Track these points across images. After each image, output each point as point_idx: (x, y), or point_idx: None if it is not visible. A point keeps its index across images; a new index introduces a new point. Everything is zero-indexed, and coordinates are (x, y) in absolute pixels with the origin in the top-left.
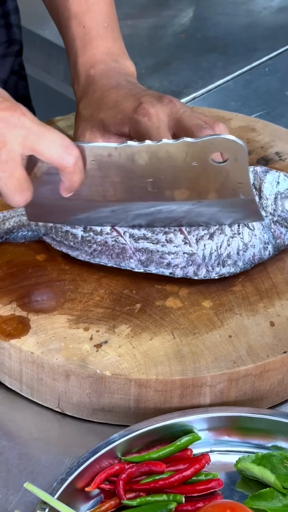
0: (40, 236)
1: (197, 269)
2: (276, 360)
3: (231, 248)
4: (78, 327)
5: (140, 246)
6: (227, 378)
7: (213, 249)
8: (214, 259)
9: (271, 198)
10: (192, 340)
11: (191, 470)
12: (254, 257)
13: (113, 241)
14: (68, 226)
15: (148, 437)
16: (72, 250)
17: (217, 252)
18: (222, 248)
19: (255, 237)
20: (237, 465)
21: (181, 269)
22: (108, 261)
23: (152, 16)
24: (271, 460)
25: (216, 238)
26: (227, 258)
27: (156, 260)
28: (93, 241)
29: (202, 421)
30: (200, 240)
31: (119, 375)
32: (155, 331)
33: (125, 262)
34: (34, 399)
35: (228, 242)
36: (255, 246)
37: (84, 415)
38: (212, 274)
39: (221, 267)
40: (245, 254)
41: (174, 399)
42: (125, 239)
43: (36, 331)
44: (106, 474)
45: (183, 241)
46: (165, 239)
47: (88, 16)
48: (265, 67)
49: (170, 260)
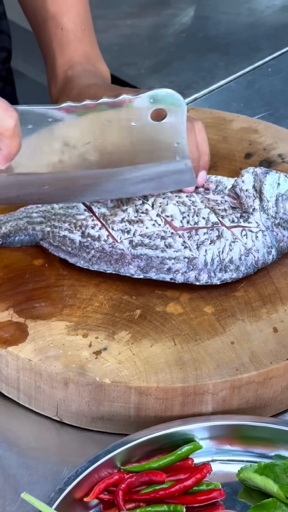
0: (37, 241)
1: (199, 274)
2: (280, 367)
3: (233, 253)
4: (76, 334)
5: (139, 253)
6: (230, 385)
7: (215, 255)
8: (216, 265)
9: (272, 201)
10: (193, 347)
11: (192, 480)
12: (257, 261)
13: (110, 247)
14: (65, 231)
15: (148, 446)
16: (70, 256)
17: (219, 257)
18: (224, 253)
19: (257, 241)
20: (239, 475)
21: (182, 275)
22: (107, 267)
23: (152, 15)
24: (274, 469)
25: (218, 243)
26: (229, 263)
27: (156, 265)
28: (91, 247)
29: (203, 429)
30: (201, 245)
31: (119, 382)
32: (155, 337)
33: (124, 269)
34: (32, 408)
35: (230, 247)
36: (258, 251)
37: (83, 424)
38: (214, 280)
39: (223, 273)
40: (247, 259)
41: (175, 407)
42: (122, 246)
43: (34, 338)
44: (105, 484)
45: (183, 245)
46: (164, 244)
47: (66, 18)
48: (268, 67)
49: (170, 265)
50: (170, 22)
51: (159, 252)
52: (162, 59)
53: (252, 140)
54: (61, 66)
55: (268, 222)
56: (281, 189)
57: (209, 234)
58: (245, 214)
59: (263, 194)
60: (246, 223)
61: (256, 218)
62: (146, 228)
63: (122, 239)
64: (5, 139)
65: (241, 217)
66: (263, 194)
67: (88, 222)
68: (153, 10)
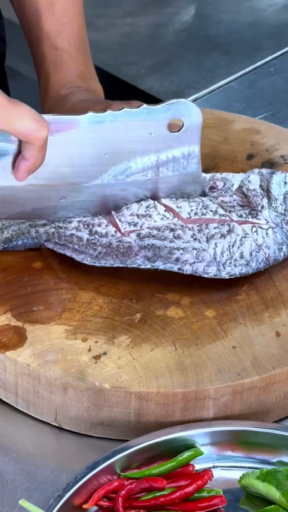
0: (42, 243)
1: (207, 266)
2: (282, 372)
3: (244, 248)
4: (76, 338)
5: (146, 243)
6: (231, 390)
7: (225, 248)
8: (226, 258)
9: (280, 199)
10: (194, 351)
11: (193, 487)
12: (269, 258)
13: (117, 241)
14: (73, 230)
15: (149, 452)
16: (77, 253)
17: (229, 251)
18: (234, 247)
19: (268, 238)
20: (241, 481)
21: (190, 265)
22: (114, 261)
23: (152, 13)
24: (277, 476)
25: (228, 237)
26: (239, 258)
27: (164, 255)
28: (98, 243)
29: (204, 435)
30: (211, 239)
31: (119, 387)
32: (156, 342)
33: (131, 260)
34: (30, 413)
35: (240, 242)
36: (269, 247)
37: (82, 430)
38: (223, 274)
39: (232, 267)
40: (258, 255)
41: (176, 413)
42: (130, 239)
43: (32, 342)
44: (105, 491)
45: (192, 237)
46: (173, 235)
47: (61, 38)
48: (270, 67)
49: (178, 255)
50: (170, 20)
51: (167, 243)
52: (163, 58)
53: (254, 141)
54: (54, 86)
55: (278, 219)
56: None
57: (220, 229)
58: (254, 212)
59: (271, 192)
60: (255, 219)
61: (265, 215)
62: (155, 221)
63: (128, 230)
64: (33, 150)
65: (250, 214)
66: (271, 192)
67: (95, 220)
68: (153, 8)
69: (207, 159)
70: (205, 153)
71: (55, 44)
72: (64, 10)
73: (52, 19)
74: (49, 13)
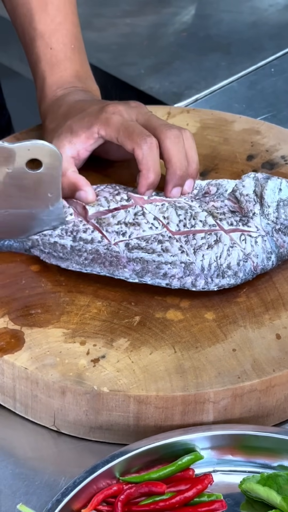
0: (27, 248)
1: (195, 280)
2: (283, 374)
3: (231, 258)
4: (74, 341)
5: (134, 256)
6: (231, 394)
7: (212, 260)
8: (213, 270)
9: (273, 206)
10: (194, 354)
11: (193, 491)
12: (256, 267)
13: (105, 249)
14: (56, 237)
15: (148, 456)
16: (62, 261)
17: (216, 262)
18: (222, 259)
19: (257, 246)
20: (241, 486)
21: (178, 280)
22: (101, 269)
23: (152, 13)
24: (277, 480)
25: (215, 247)
26: (227, 269)
27: (152, 270)
28: (83, 249)
29: (204, 439)
30: (199, 250)
31: (118, 391)
32: (155, 345)
33: (118, 271)
34: (28, 417)
35: (228, 252)
36: (257, 256)
37: (81, 434)
38: (211, 286)
39: (220, 279)
40: (245, 265)
41: (176, 417)
42: (118, 248)
43: (30, 346)
44: (104, 495)
45: (180, 249)
46: (161, 248)
47: (55, 38)
48: (271, 67)
49: (166, 270)
50: (170, 20)
51: (155, 256)
52: (162, 58)
53: (255, 142)
54: (50, 86)
55: (268, 227)
56: (282, 194)
57: (207, 239)
58: (245, 218)
59: (264, 199)
60: (246, 227)
61: (256, 222)
62: (143, 231)
63: (117, 241)
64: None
65: (240, 221)
66: (264, 199)
67: (79, 226)
68: (153, 8)
69: (207, 160)
70: (205, 154)
71: (49, 44)
72: (57, 9)
73: (45, 18)
74: (42, 13)
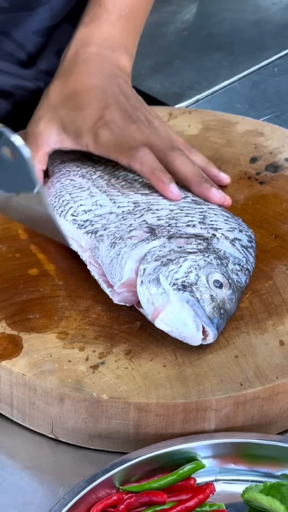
0: None
1: None
2: (286, 382)
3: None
4: (73, 347)
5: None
6: (233, 401)
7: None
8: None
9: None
10: (195, 361)
11: (194, 501)
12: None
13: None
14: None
15: (148, 465)
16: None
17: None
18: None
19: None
20: (244, 495)
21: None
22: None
23: (152, 12)
24: (281, 489)
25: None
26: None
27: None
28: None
29: (206, 448)
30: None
31: (117, 398)
32: (155, 351)
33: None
34: (26, 425)
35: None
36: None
37: (80, 442)
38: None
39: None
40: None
41: (177, 424)
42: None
43: (28, 352)
44: (103, 505)
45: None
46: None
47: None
48: (274, 67)
49: None
50: (171, 19)
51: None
52: (163, 58)
53: (258, 144)
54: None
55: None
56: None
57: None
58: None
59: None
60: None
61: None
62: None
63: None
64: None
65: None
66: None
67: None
68: (153, 6)
69: None
70: (207, 156)
71: (100, 1)
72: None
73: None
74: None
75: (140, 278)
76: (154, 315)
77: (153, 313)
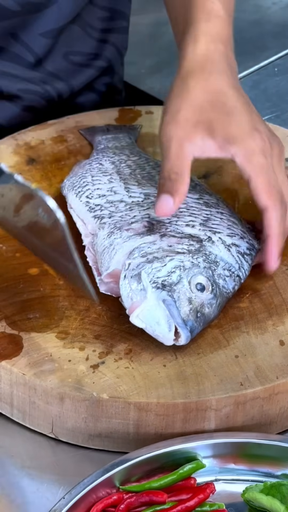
0: None
1: None
2: (286, 382)
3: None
4: (73, 347)
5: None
6: (234, 401)
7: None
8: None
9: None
10: (195, 361)
11: (194, 500)
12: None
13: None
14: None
15: (149, 464)
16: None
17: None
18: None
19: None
20: (244, 495)
21: None
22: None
23: (153, 11)
24: (281, 489)
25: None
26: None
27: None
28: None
29: (206, 447)
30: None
31: (117, 398)
32: (156, 350)
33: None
34: (26, 424)
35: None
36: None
37: (80, 441)
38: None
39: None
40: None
41: (177, 424)
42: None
43: (28, 351)
44: (103, 505)
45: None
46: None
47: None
48: (274, 67)
49: None
50: None
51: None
52: (164, 58)
53: None
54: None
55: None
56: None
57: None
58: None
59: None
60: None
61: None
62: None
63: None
64: None
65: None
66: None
67: None
68: (154, 6)
69: (210, 162)
70: None
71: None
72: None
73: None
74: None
75: (124, 272)
76: (130, 310)
77: (129, 308)
